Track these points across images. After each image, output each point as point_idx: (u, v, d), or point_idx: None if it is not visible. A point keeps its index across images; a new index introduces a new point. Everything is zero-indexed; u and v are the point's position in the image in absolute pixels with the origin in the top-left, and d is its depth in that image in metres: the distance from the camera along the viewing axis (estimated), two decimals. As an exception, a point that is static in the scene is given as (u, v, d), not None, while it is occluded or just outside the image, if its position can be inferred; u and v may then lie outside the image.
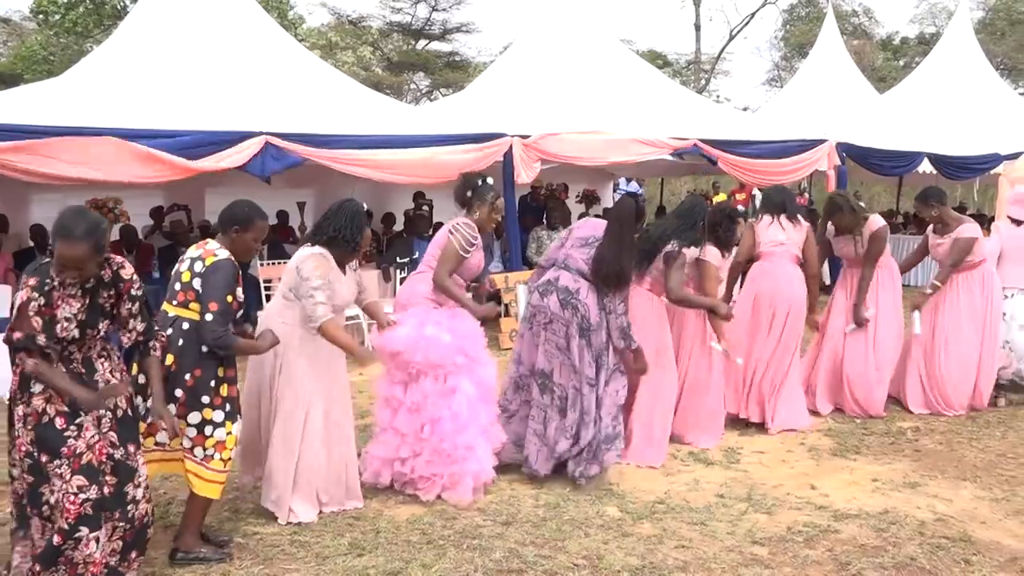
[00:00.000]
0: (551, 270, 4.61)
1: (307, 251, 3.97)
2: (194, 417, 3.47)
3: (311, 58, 9.13)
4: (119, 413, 3.13)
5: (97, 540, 2.98)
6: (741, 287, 5.82)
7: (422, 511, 4.14)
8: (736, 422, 5.51)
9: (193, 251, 3.60)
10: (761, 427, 5.47)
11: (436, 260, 4.40)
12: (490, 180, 4.64)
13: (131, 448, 3.14)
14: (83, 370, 3.05)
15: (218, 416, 3.51)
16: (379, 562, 3.58)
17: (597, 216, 10.54)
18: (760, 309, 5.46)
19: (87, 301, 3.04)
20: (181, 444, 3.50)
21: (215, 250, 3.56)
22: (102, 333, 3.11)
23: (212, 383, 3.50)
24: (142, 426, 3.41)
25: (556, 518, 4.05)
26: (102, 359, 3.14)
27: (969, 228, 5.81)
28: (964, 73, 13.56)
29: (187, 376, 3.46)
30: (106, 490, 3.02)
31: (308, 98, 7.66)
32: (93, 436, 3.01)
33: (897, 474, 4.72)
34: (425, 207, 10.65)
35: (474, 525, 3.97)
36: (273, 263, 8.14)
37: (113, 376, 3.15)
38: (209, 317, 3.39)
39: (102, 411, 3.05)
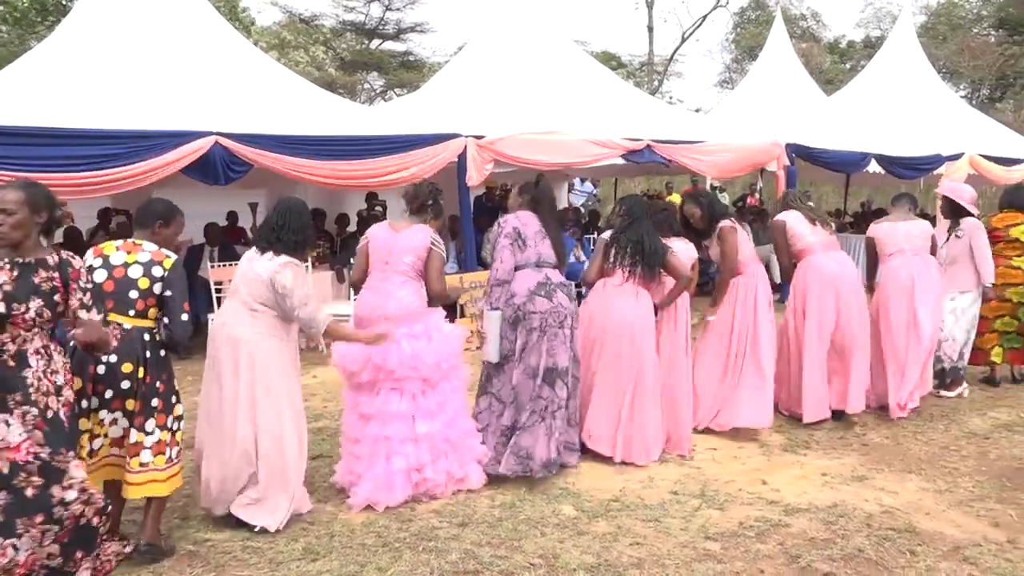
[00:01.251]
0: (532, 271, 4.60)
1: (275, 263, 3.88)
2: (170, 420, 3.59)
3: (262, 57, 9.02)
4: (49, 414, 3.00)
5: (15, 547, 2.85)
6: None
7: (377, 514, 4.11)
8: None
9: (131, 255, 3.52)
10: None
11: (413, 269, 4.37)
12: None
13: (62, 449, 2.99)
14: (12, 364, 2.94)
15: (180, 409, 3.66)
16: (334, 566, 3.55)
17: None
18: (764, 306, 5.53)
19: (16, 274, 2.97)
20: (148, 462, 3.52)
21: (163, 250, 3.57)
22: (31, 313, 2.97)
23: (173, 381, 3.63)
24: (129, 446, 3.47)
25: (512, 518, 4.06)
26: (39, 356, 3.01)
27: (870, 228, 6.16)
28: (908, 76, 13.93)
29: (159, 384, 3.53)
30: (29, 492, 2.88)
31: (259, 98, 7.56)
32: (20, 434, 2.89)
33: (845, 468, 4.82)
34: (378, 208, 10.59)
35: (430, 527, 3.96)
36: (224, 265, 8.02)
37: (48, 377, 3.01)
38: (185, 317, 3.52)
39: (28, 408, 2.94)
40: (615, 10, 61.96)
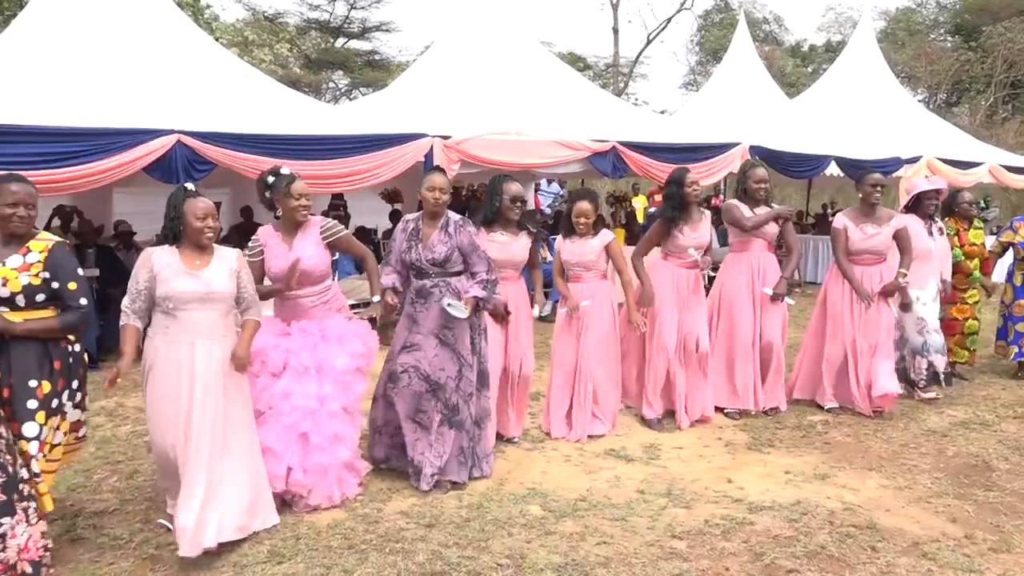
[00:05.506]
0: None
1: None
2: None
3: (225, 55, 8.90)
4: None
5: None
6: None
7: (343, 516, 4.08)
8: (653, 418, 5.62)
9: None
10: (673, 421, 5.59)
11: None
12: (285, 170, 4.29)
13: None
14: None
15: None
16: (299, 569, 3.52)
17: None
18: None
19: None
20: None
21: None
22: None
23: None
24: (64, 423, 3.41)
25: (479, 518, 4.05)
26: None
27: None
28: (867, 80, 14.19)
29: None
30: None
31: (223, 96, 7.46)
32: None
33: (808, 466, 4.89)
34: (342, 208, 10.54)
35: (397, 528, 3.94)
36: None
37: None
38: None
39: None
40: (581, 11, 62.39)
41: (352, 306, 8.29)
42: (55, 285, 3.37)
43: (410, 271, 4.53)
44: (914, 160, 11.78)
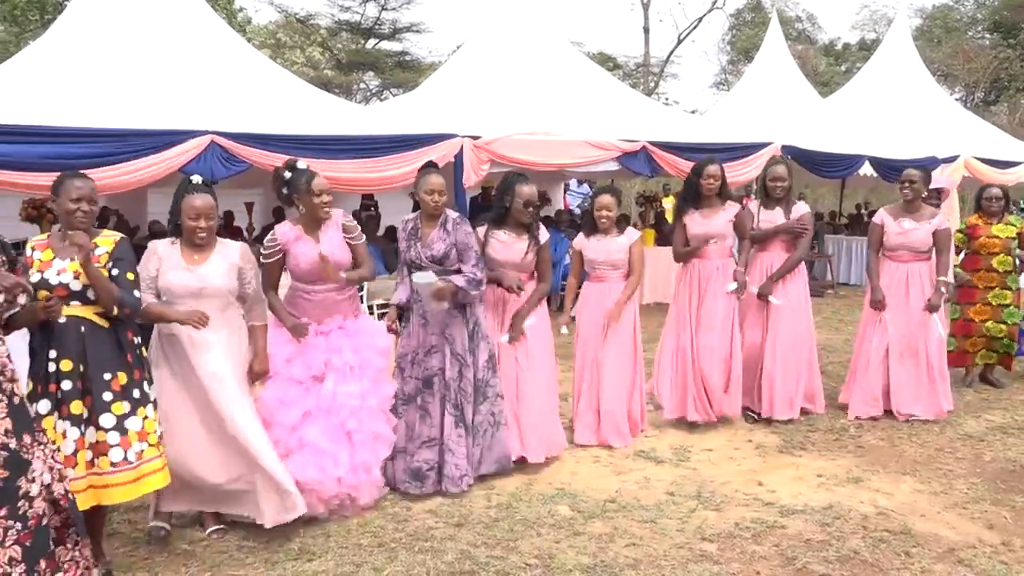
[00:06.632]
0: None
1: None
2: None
3: (258, 56, 8.99)
4: (16, 400, 2.84)
5: None
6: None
7: (373, 514, 4.10)
8: (683, 421, 5.59)
9: None
10: (710, 426, 5.54)
11: None
12: (301, 164, 4.24)
13: (26, 439, 2.81)
14: None
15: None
16: (329, 566, 3.54)
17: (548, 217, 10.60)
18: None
19: None
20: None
21: None
22: None
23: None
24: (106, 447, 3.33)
25: (508, 518, 4.06)
26: None
27: None
28: (903, 78, 13.98)
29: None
30: None
31: (255, 97, 7.53)
32: None
33: (841, 469, 4.83)
34: (372, 208, 10.60)
35: (426, 527, 3.95)
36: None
37: (8, 360, 2.86)
38: None
39: None
40: (611, 11, 62.24)
41: (380, 306, 8.41)
42: (115, 272, 3.39)
43: (411, 270, 4.51)
44: (951, 159, 11.59)
